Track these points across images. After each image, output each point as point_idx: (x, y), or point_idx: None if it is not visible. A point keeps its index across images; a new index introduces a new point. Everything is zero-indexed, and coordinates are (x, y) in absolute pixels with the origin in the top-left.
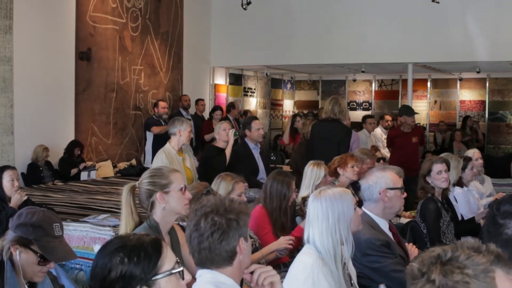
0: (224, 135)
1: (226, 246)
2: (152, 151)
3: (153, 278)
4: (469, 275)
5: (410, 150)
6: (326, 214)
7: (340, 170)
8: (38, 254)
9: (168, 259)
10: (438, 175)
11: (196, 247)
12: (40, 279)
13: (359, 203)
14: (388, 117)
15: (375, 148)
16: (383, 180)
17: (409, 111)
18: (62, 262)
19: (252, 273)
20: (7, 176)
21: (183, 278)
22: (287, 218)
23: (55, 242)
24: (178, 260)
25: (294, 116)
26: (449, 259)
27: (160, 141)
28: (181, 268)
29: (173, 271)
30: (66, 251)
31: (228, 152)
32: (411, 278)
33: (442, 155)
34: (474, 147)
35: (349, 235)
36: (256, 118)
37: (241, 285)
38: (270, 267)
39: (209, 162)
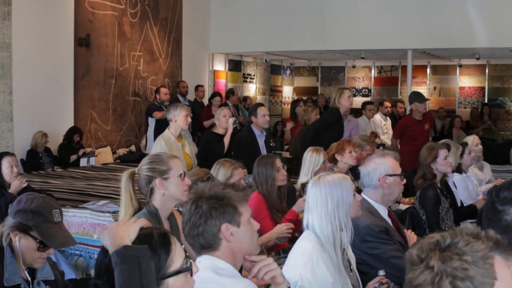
0: (223, 122)
1: (205, 233)
2: (154, 137)
3: (162, 278)
4: (467, 262)
5: (423, 139)
6: (325, 200)
7: (338, 156)
8: (38, 240)
9: (177, 256)
10: (444, 161)
11: (186, 233)
12: (39, 265)
13: (358, 190)
14: (387, 103)
15: (375, 135)
16: (383, 167)
17: (420, 98)
18: (61, 248)
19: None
20: (6, 162)
21: (191, 275)
22: (280, 200)
23: (54, 228)
24: (187, 254)
25: (296, 101)
26: (448, 246)
27: (162, 127)
28: (190, 266)
29: (182, 270)
30: (65, 237)
31: (226, 140)
32: (410, 264)
33: (442, 141)
34: (493, 135)
35: (348, 221)
36: (261, 104)
37: (240, 271)
38: (271, 260)
39: (207, 148)
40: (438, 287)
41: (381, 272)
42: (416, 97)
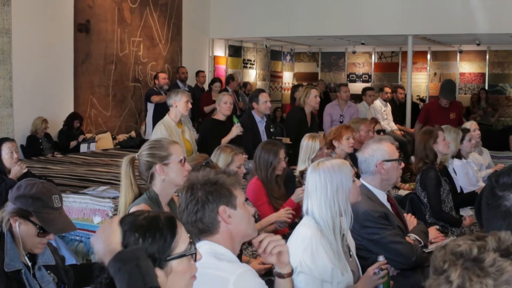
0: (224, 108)
1: (204, 218)
2: (153, 123)
3: (167, 259)
4: (488, 285)
5: None
6: (325, 185)
7: (335, 143)
8: (38, 226)
9: (182, 240)
10: (444, 141)
11: (184, 221)
12: (40, 251)
13: (357, 175)
14: (387, 89)
15: (375, 120)
16: (379, 153)
17: (446, 94)
18: (61, 233)
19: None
20: (5, 148)
21: (195, 260)
22: (278, 186)
23: (54, 213)
24: (192, 240)
25: (296, 86)
26: (473, 260)
27: (161, 112)
28: (194, 251)
29: (186, 253)
30: (65, 223)
31: (225, 141)
32: (432, 271)
33: (443, 127)
34: (489, 121)
35: (348, 207)
36: (263, 90)
37: (240, 257)
38: (279, 237)
39: (207, 135)
40: None
41: (381, 258)
42: (443, 91)
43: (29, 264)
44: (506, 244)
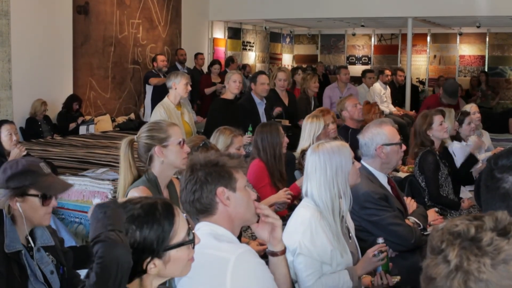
0: (233, 87)
1: (202, 199)
2: (152, 105)
3: (165, 250)
4: (485, 264)
5: None
6: (324, 167)
7: None
8: (39, 195)
9: (180, 228)
10: (440, 126)
11: (183, 200)
12: (48, 222)
13: (357, 157)
14: (388, 72)
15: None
16: (379, 137)
17: (450, 97)
18: (62, 193)
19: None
20: (4, 130)
21: (193, 247)
22: (282, 164)
23: (49, 178)
24: (190, 226)
25: (295, 69)
26: (471, 240)
27: (160, 94)
28: (192, 238)
29: (184, 242)
30: (62, 183)
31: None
32: (430, 251)
33: (439, 108)
34: (489, 104)
35: (347, 189)
36: (263, 72)
37: (239, 239)
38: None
39: (217, 115)
40: (451, 284)
41: (380, 240)
42: (446, 94)
43: (32, 244)
44: (503, 224)
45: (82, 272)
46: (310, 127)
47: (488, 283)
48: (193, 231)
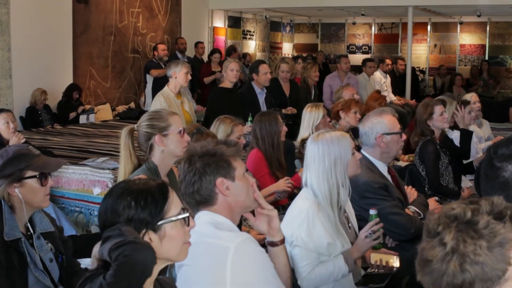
0: (231, 75)
1: (201, 190)
2: (152, 94)
3: (159, 223)
4: (481, 247)
5: None
6: (323, 157)
7: (342, 114)
8: (37, 176)
9: (174, 204)
10: (441, 117)
11: (183, 192)
12: (47, 203)
13: (358, 147)
14: (388, 61)
15: (378, 91)
16: (379, 126)
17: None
18: (58, 170)
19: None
20: (1, 119)
21: (188, 225)
22: (280, 153)
23: (41, 158)
24: (184, 207)
25: (295, 58)
26: (467, 223)
27: (160, 84)
28: (187, 214)
29: (179, 216)
30: (55, 160)
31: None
32: (426, 234)
33: (439, 97)
34: (490, 93)
35: (346, 179)
36: (263, 62)
37: (239, 228)
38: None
39: (216, 104)
40: (447, 267)
41: (372, 211)
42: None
43: (32, 231)
44: (499, 208)
45: (82, 262)
46: (309, 116)
47: (484, 266)
48: (188, 212)
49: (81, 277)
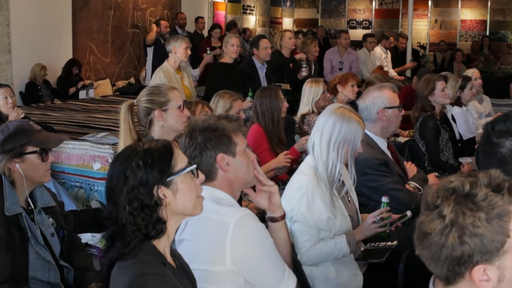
0: (231, 51)
1: (202, 165)
2: (152, 69)
3: (169, 178)
4: (480, 219)
5: None
6: (332, 131)
7: (339, 88)
8: (38, 151)
9: (180, 159)
10: (442, 92)
11: None
12: (48, 178)
13: None
14: (392, 39)
15: (380, 66)
16: (380, 100)
17: None
18: (59, 145)
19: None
20: None
21: (197, 176)
22: (280, 129)
23: (42, 133)
24: (190, 161)
25: (296, 33)
26: (465, 196)
27: (160, 58)
28: (194, 166)
29: (187, 169)
30: (57, 136)
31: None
32: (424, 207)
33: (442, 73)
34: (491, 69)
35: (351, 166)
36: (264, 36)
37: (240, 203)
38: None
39: (216, 79)
40: (446, 239)
41: (384, 199)
42: None
43: (32, 206)
44: (497, 181)
45: (82, 237)
46: (309, 91)
47: (483, 238)
48: (195, 165)
49: (82, 252)
